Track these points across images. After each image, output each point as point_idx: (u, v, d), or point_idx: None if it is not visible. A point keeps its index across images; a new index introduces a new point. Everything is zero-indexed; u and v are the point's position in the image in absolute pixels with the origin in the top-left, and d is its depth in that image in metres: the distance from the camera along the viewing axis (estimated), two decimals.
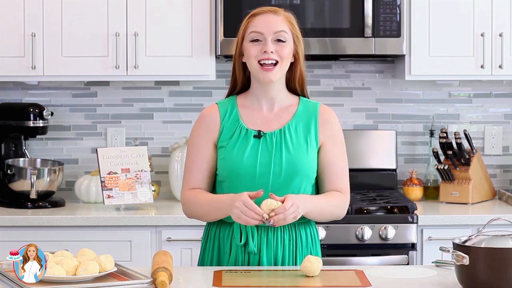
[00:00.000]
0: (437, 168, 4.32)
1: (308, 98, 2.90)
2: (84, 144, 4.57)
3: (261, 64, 2.76)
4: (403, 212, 4.00)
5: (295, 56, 2.83)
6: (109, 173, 4.14)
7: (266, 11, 2.80)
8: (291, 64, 2.83)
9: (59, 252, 2.57)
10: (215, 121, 2.84)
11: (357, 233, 3.91)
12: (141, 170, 4.18)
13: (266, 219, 2.60)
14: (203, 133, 2.84)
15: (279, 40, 2.77)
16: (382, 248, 3.94)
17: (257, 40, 2.78)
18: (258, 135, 2.79)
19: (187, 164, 2.86)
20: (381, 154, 4.48)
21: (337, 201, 2.81)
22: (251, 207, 2.60)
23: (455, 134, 4.33)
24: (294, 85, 2.87)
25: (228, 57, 4.26)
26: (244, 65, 2.84)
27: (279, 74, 2.79)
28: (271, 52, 2.75)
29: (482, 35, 4.20)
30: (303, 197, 2.72)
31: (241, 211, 2.62)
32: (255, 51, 2.77)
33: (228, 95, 2.91)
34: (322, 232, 3.88)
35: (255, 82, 2.84)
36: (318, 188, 2.87)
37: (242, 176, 2.75)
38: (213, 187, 2.87)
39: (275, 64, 2.77)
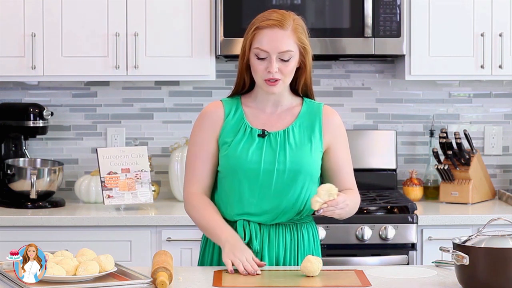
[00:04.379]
0: (437, 168, 4.32)
1: (314, 99, 2.90)
2: (84, 144, 4.57)
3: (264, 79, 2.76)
4: (403, 212, 4.00)
5: (301, 64, 2.81)
6: (109, 173, 4.15)
7: (272, 25, 2.73)
8: (297, 69, 2.81)
9: (59, 252, 2.57)
10: (219, 117, 2.84)
11: (357, 233, 3.91)
12: (141, 170, 4.18)
13: (316, 210, 2.64)
14: (206, 128, 2.84)
15: (283, 59, 2.75)
16: (382, 248, 3.94)
17: (262, 57, 2.76)
18: (262, 134, 2.80)
19: (189, 159, 2.85)
20: (381, 154, 4.48)
21: (356, 199, 2.85)
22: (251, 264, 2.65)
23: (455, 134, 4.33)
24: (297, 89, 2.86)
25: (228, 57, 4.26)
26: (249, 67, 2.82)
27: (282, 87, 2.78)
28: (275, 71, 2.74)
29: (482, 35, 4.20)
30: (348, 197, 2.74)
31: (240, 260, 2.65)
32: (260, 69, 2.74)
33: (233, 94, 2.90)
34: (322, 232, 3.88)
35: (259, 87, 2.84)
36: None
37: (246, 172, 2.76)
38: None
39: (279, 79, 2.76)
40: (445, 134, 4.33)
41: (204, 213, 2.80)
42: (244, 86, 2.87)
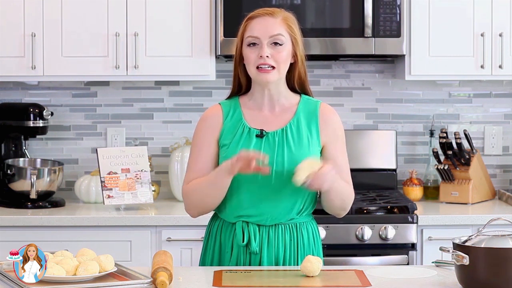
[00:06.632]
0: (437, 168, 4.32)
1: (312, 96, 2.90)
2: (84, 144, 4.57)
3: (258, 67, 2.77)
4: (403, 212, 4.00)
5: (294, 57, 2.82)
6: (109, 173, 4.15)
7: (263, 14, 2.79)
8: (291, 64, 2.83)
9: (59, 252, 2.57)
10: (218, 120, 2.84)
11: (357, 233, 3.91)
12: (141, 170, 4.18)
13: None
14: (206, 131, 2.85)
15: (275, 43, 2.77)
16: (382, 248, 3.94)
17: (254, 44, 2.77)
18: (261, 134, 2.79)
19: (189, 161, 2.87)
20: (381, 154, 4.48)
21: (349, 189, 2.84)
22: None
23: (455, 134, 4.33)
24: (293, 84, 2.87)
25: (228, 57, 4.26)
26: (245, 68, 2.83)
27: (277, 76, 2.78)
28: (267, 56, 2.75)
29: (482, 35, 4.20)
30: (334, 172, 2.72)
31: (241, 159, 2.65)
32: (252, 57, 2.76)
33: (231, 96, 2.90)
34: (322, 232, 3.87)
35: (255, 83, 2.84)
36: None
37: (245, 175, 2.75)
38: None
39: (273, 68, 2.76)
40: (445, 134, 4.33)
41: (197, 186, 2.79)
42: (240, 85, 2.87)
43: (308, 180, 2.63)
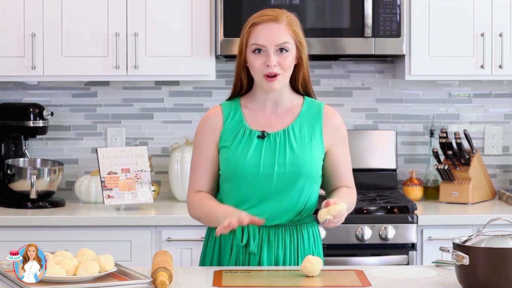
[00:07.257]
0: (437, 168, 4.32)
1: (314, 97, 2.90)
2: (84, 144, 4.57)
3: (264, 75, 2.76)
4: (403, 212, 4.00)
5: (298, 60, 2.81)
6: (109, 173, 4.15)
7: (267, 20, 2.76)
8: (295, 65, 2.82)
9: (59, 252, 2.57)
10: (218, 122, 2.84)
11: (357, 233, 3.91)
12: (141, 170, 4.18)
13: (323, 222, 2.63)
14: (206, 134, 2.84)
15: (281, 49, 2.76)
16: (382, 248, 3.94)
17: (259, 51, 2.76)
18: (262, 135, 2.79)
19: (191, 165, 2.87)
20: (381, 154, 4.48)
21: (351, 197, 2.86)
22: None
23: (455, 134, 4.33)
24: (297, 86, 2.86)
25: (228, 57, 4.26)
26: (248, 69, 2.82)
27: (282, 82, 2.78)
28: (274, 65, 2.74)
29: (482, 35, 4.20)
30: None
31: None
32: (258, 64, 2.74)
33: (232, 96, 2.90)
34: (322, 232, 3.87)
35: (258, 86, 2.83)
36: (324, 186, 2.88)
37: (246, 176, 2.75)
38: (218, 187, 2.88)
39: (279, 74, 2.76)
40: (445, 134, 4.33)
41: (201, 206, 2.81)
42: (242, 86, 2.86)
43: (327, 220, 2.63)
